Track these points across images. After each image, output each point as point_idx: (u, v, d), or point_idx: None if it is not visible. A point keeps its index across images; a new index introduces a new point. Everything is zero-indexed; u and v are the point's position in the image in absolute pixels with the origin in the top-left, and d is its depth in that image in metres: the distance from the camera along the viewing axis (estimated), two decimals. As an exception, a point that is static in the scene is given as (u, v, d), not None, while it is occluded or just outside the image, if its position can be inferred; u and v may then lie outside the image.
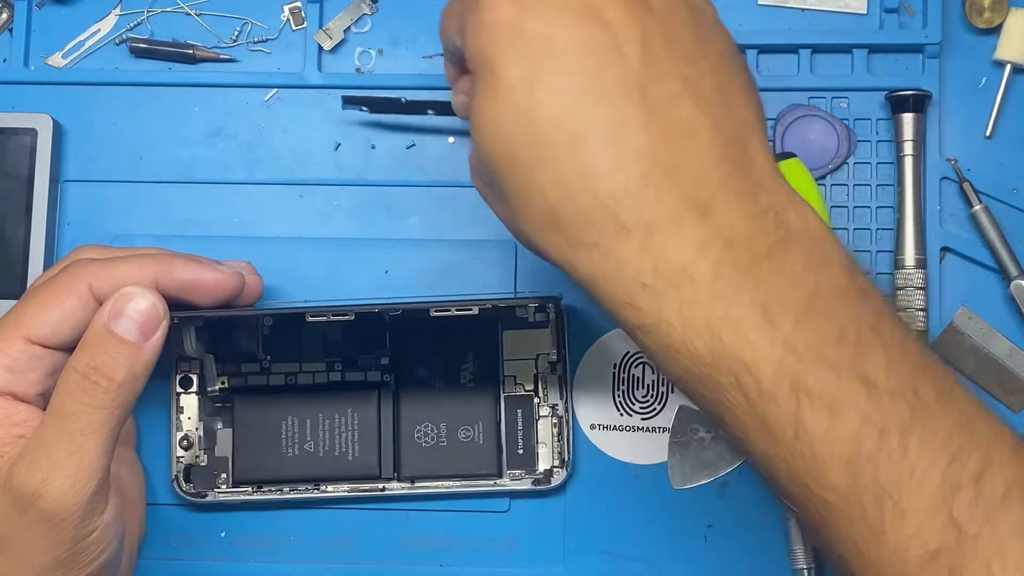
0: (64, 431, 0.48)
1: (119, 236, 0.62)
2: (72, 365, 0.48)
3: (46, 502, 0.47)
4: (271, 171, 0.63)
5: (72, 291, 0.50)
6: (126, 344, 0.49)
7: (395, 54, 0.64)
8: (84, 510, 0.48)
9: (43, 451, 0.47)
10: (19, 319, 0.50)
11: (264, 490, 0.60)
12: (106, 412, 0.48)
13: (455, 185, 0.63)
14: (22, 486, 0.47)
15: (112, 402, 0.48)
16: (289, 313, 0.53)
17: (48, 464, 0.47)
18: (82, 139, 0.64)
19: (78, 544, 0.48)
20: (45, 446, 0.48)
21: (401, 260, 0.62)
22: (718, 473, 0.61)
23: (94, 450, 0.48)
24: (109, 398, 0.48)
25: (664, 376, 0.61)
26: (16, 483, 0.47)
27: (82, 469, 0.47)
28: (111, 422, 0.48)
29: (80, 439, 0.48)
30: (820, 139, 0.62)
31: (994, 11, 0.62)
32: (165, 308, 0.50)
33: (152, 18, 0.64)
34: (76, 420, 0.48)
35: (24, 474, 0.47)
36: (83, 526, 0.48)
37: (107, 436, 0.48)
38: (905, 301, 0.60)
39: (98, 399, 0.48)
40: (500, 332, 0.61)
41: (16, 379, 0.50)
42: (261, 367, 0.61)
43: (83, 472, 0.47)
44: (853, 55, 0.63)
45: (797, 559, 0.59)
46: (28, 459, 0.48)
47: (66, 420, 0.48)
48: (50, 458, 0.47)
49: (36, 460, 0.47)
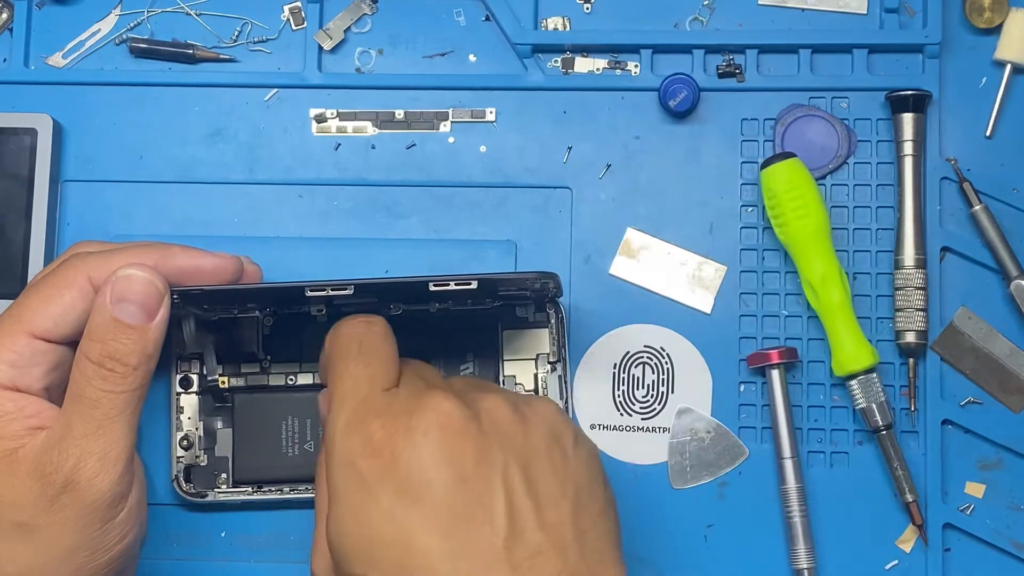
0: (89, 418, 0.49)
1: (119, 236, 0.62)
2: (85, 354, 0.49)
3: (79, 486, 0.48)
4: (271, 171, 0.63)
5: (72, 284, 0.51)
6: (134, 328, 0.49)
7: (395, 54, 0.64)
8: (114, 491, 0.49)
9: (70, 438, 0.49)
10: (21, 314, 0.50)
11: (264, 490, 0.60)
12: (126, 395, 0.49)
13: (455, 185, 0.63)
14: (55, 473, 0.48)
15: (130, 385, 0.49)
16: (289, 288, 0.53)
17: (78, 451, 0.48)
18: (82, 139, 0.64)
19: (106, 526, 0.49)
20: (72, 434, 0.49)
21: (401, 260, 0.62)
22: (718, 473, 0.61)
23: (119, 432, 0.49)
24: (128, 382, 0.49)
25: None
26: (47, 471, 0.48)
27: (110, 451, 0.49)
28: (132, 403, 0.50)
29: (105, 423, 0.49)
30: (820, 139, 0.62)
31: (994, 11, 0.62)
32: (164, 283, 0.51)
33: (152, 18, 0.64)
34: (98, 406, 0.49)
35: (56, 462, 0.48)
36: (112, 508, 0.49)
37: (130, 417, 0.50)
38: (905, 301, 0.60)
39: (117, 384, 0.49)
40: (500, 332, 0.61)
41: (20, 374, 0.50)
42: (261, 367, 0.61)
43: (112, 454, 0.49)
44: (853, 55, 0.63)
45: (797, 559, 0.60)
46: (57, 447, 0.49)
47: (89, 407, 0.49)
48: (79, 444, 0.48)
49: (65, 447, 0.48)
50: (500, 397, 0.49)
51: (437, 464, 0.46)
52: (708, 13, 0.63)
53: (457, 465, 0.46)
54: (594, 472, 0.49)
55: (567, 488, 0.47)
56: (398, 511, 0.46)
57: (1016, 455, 0.61)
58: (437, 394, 0.48)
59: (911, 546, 0.60)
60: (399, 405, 0.48)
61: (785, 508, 0.60)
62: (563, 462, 0.48)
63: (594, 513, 0.48)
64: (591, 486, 0.49)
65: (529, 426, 0.48)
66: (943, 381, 0.61)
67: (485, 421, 0.47)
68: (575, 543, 0.46)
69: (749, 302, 0.62)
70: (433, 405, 0.47)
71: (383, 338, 0.51)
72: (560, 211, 0.63)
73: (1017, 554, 0.60)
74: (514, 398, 0.49)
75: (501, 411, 0.48)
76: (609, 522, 0.49)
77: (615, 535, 0.49)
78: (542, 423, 0.49)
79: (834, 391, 0.61)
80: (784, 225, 0.60)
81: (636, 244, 0.62)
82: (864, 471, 0.61)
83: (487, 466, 0.46)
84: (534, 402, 0.50)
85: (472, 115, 0.63)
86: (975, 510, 0.60)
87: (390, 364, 0.51)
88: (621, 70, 0.63)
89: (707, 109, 0.63)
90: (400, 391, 0.49)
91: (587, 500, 0.48)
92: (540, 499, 0.46)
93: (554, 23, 0.63)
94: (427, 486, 0.46)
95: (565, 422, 0.50)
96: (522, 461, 0.47)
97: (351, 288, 0.51)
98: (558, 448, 0.48)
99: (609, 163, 0.63)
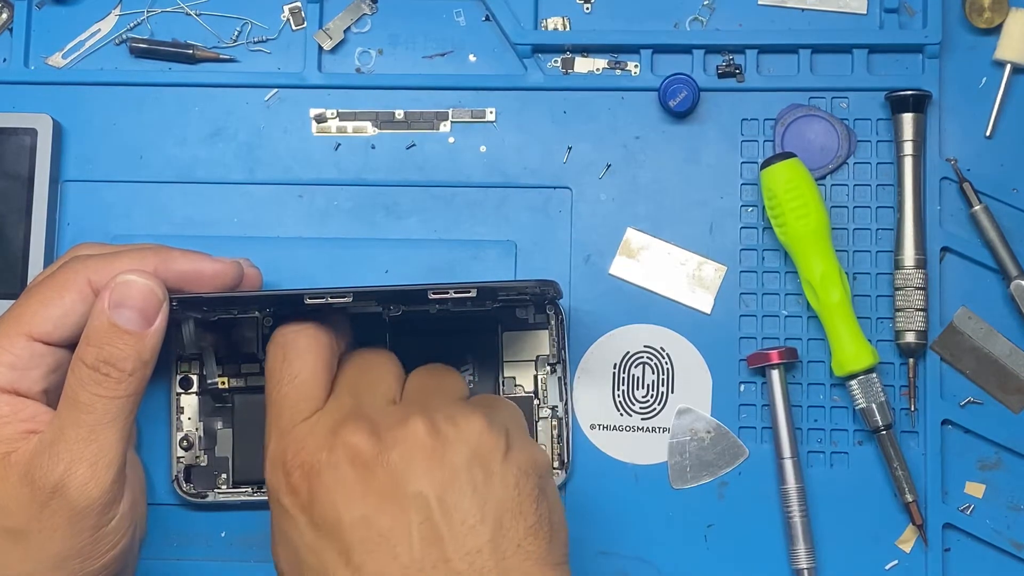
0: (81, 423, 0.49)
1: (119, 236, 0.62)
2: (81, 358, 0.49)
3: (69, 492, 0.48)
4: (271, 171, 0.63)
5: (72, 287, 0.51)
6: (131, 334, 0.49)
7: (395, 54, 0.64)
8: (105, 498, 0.49)
9: (62, 443, 0.48)
10: (20, 316, 0.50)
11: (264, 490, 0.60)
12: (120, 401, 0.49)
13: (455, 185, 0.63)
14: (44, 478, 0.48)
15: (125, 391, 0.49)
16: (288, 295, 0.53)
17: (69, 456, 0.48)
18: (82, 139, 0.64)
19: (97, 533, 0.49)
20: (64, 438, 0.48)
21: (401, 260, 0.62)
22: (718, 473, 0.61)
23: (112, 438, 0.49)
24: (122, 388, 0.49)
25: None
26: (38, 476, 0.48)
27: (102, 458, 0.49)
28: (126, 409, 0.49)
29: (98, 429, 0.49)
30: (820, 139, 0.62)
31: (994, 11, 0.62)
32: (164, 290, 0.51)
33: (152, 18, 0.64)
34: (92, 411, 0.49)
35: (46, 467, 0.48)
36: (103, 515, 0.49)
37: (123, 424, 0.49)
38: (905, 301, 0.60)
39: (111, 389, 0.49)
40: (500, 333, 0.61)
41: (19, 376, 0.50)
42: (261, 367, 0.61)
43: (103, 461, 0.49)
44: (853, 55, 0.63)
45: (797, 559, 0.60)
46: (48, 452, 0.48)
47: (82, 412, 0.49)
48: (70, 450, 0.48)
49: (56, 452, 0.48)
50: (421, 422, 0.48)
51: (346, 501, 0.47)
52: (708, 13, 0.63)
53: (365, 501, 0.47)
54: (525, 489, 0.48)
55: (487, 510, 0.47)
56: (317, 544, 0.47)
57: (1016, 455, 0.61)
58: (348, 427, 0.48)
59: (911, 546, 0.60)
60: (314, 440, 0.49)
61: (785, 508, 0.60)
62: (485, 482, 0.48)
63: (520, 534, 0.47)
64: (519, 505, 0.48)
65: (449, 450, 0.48)
66: (943, 381, 0.61)
67: (398, 452, 0.47)
68: (495, 569, 0.46)
69: (749, 302, 0.62)
70: (343, 440, 0.48)
71: (309, 351, 0.52)
72: (560, 211, 0.63)
73: (1017, 554, 0.60)
74: (439, 417, 0.49)
75: (417, 438, 0.48)
76: (539, 540, 0.48)
77: (546, 553, 0.48)
78: (463, 445, 0.48)
79: (834, 391, 0.61)
80: (784, 225, 0.60)
81: (636, 244, 0.62)
82: (864, 471, 0.61)
83: (396, 500, 0.47)
84: (460, 420, 0.49)
85: (472, 115, 0.63)
86: (975, 510, 0.61)
87: (314, 380, 0.51)
88: (621, 70, 0.63)
89: (707, 109, 0.63)
90: (320, 419, 0.50)
91: (511, 521, 0.47)
92: (455, 526, 0.46)
93: (554, 23, 0.63)
94: (338, 522, 0.47)
95: (494, 436, 0.49)
96: (437, 488, 0.47)
97: (350, 296, 0.52)
98: (480, 469, 0.48)
99: (609, 163, 0.63)
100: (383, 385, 0.53)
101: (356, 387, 0.52)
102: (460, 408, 0.50)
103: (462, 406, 0.51)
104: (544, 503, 0.49)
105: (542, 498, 0.49)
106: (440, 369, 0.56)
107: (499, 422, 0.50)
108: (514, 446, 0.49)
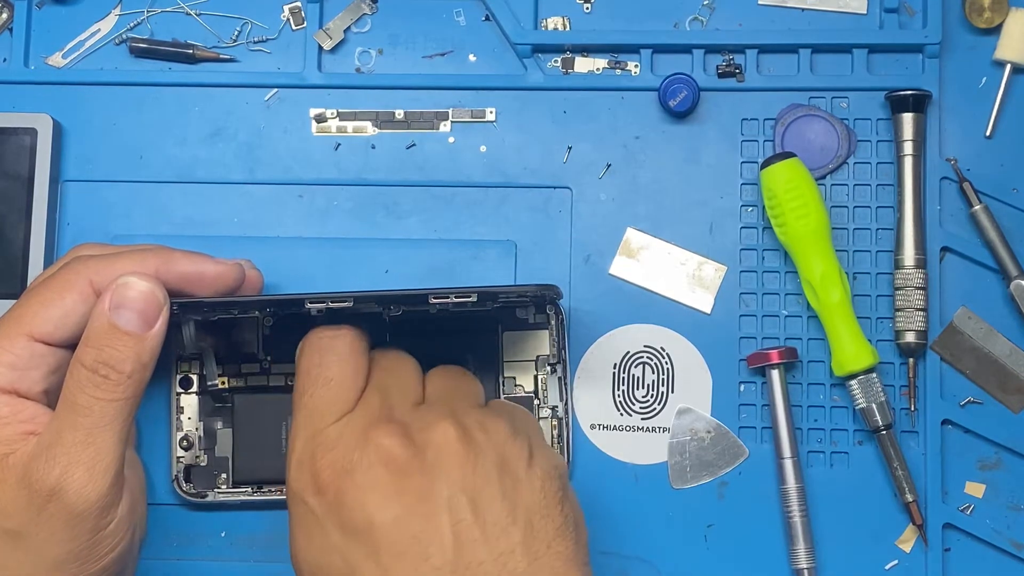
0: (79, 425, 0.48)
1: (119, 236, 0.62)
2: (79, 360, 0.49)
3: (66, 496, 0.48)
4: (271, 171, 0.63)
5: (73, 287, 0.50)
6: (131, 336, 0.49)
7: (395, 54, 0.64)
8: (103, 502, 0.49)
9: (60, 446, 0.48)
10: (21, 316, 0.50)
11: (264, 490, 0.60)
12: (118, 404, 0.49)
13: (455, 185, 0.63)
14: (41, 481, 0.48)
15: (123, 393, 0.49)
16: (288, 300, 0.53)
17: (66, 458, 0.48)
18: (82, 139, 0.64)
19: (95, 536, 0.49)
20: (61, 441, 0.48)
21: (401, 260, 0.62)
22: (718, 473, 0.61)
23: (109, 441, 0.49)
24: (120, 390, 0.49)
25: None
26: (35, 479, 0.48)
27: (99, 461, 0.48)
28: (124, 412, 0.49)
29: (95, 432, 0.48)
30: (820, 139, 0.62)
31: (994, 11, 0.62)
32: (165, 294, 0.51)
33: (152, 18, 0.64)
34: (89, 414, 0.48)
35: (43, 469, 0.48)
36: (101, 518, 0.49)
37: (121, 427, 0.49)
38: (905, 301, 0.60)
39: (109, 392, 0.49)
40: (500, 333, 0.61)
41: (20, 377, 0.50)
42: (261, 367, 0.61)
43: (100, 464, 0.48)
44: (853, 55, 0.63)
45: (797, 559, 0.60)
46: (45, 455, 0.48)
47: (79, 415, 0.48)
48: (67, 452, 0.48)
49: (53, 455, 0.48)
50: (452, 426, 0.49)
51: (378, 503, 0.47)
52: (708, 13, 0.63)
53: (398, 503, 0.47)
54: (550, 492, 0.49)
55: (518, 514, 0.48)
56: (344, 546, 0.47)
57: (1016, 455, 0.61)
58: (382, 429, 0.49)
59: (911, 546, 0.60)
60: (345, 442, 0.49)
61: (785, 508, 0.60)
62: (514, 487, 0.48)
63: (549, 535, 0.48)
64: (546, 507, 0.49)
65: (479, 455, 0.48)
66: (943, 381, 0.61)
67: (431, 454, 0.48)
68: (527, 569, 0.47)
69: (749, 302, 0.62)
70: (376, 442, 0.48)
71: (345, 356, 0.52)
72: (560, 211, 0.63)
73: (1017, 554, 0.60)
74: (469, 423, 0.49)
75: (449, 443, 0.48)
76: (567, 541, 0.49)
77: (574, 554, 0.49)
78: (492, 450, 0.49)
79: (834, 391, 0.61)
80: (784, 225, 0.60)
81: (636, 244, 0.62)
82: (864, 471, 0.61)
83: (430, 501, 0.47)
84: (489, 426, 0.50)
85: (472, 115, 0.63)
86: (975, 510, 0.61)
87: (348, 383, 0.51)
88: (621, 70, 0.63)
89: (707, 109, 0.63)
90: (351, 421, 0.50)
91: (541, 523, 0.48)
92: (488, 528, 0.47)
93: (554, 23, 0.63)
94: (369, 524, 0.47)
95: (519, 443, 0.50)
96: (470, 492, 0.47)
97: (351, 300, 0.52)
98: (509, 474, 0.49)
99: (609, 163, 0.63)
100: (408, 387, 0.53)
101: (384, 389, 0.52)
102: (486, 414, 0.51)
103: (487, 412, 0.51)
104: (568, 505, 0.50)
105: (565, 500, 0.50)
106: (458, 372, 0.56)
107: (521, 429, 0.51)
108: (536, 452, 0.50)
